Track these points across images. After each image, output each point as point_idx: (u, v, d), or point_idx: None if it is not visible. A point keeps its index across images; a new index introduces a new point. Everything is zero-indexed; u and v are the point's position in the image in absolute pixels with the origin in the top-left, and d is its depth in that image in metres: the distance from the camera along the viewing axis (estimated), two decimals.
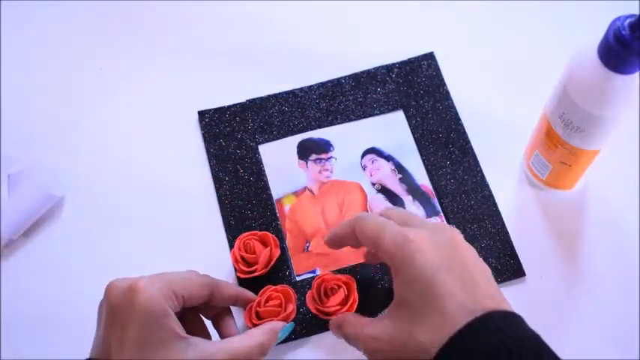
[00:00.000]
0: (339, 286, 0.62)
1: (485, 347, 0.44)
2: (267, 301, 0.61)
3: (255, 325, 0.59)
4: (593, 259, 0.67)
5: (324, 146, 0.73)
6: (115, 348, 0.47)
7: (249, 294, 0.60)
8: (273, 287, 0.62)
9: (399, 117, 0.75)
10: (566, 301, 0.66)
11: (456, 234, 0.52)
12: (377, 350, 0.51)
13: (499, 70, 0.77)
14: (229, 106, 0.75)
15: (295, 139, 0.73)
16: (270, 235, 0.65)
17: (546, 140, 0.63)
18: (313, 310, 0.62)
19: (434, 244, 0.50)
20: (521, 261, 0.67)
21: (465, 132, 0.73)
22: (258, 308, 0.60)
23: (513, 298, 0.66)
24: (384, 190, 0.71)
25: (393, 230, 0.51)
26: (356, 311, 0.64)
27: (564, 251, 0.67)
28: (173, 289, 0.49)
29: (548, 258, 0.67)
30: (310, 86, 0.76)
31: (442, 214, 0.69)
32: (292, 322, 0.60)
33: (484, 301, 0.48)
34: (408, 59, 0.77)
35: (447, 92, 0.75)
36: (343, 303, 0.61)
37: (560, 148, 0.63)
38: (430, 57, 0.77)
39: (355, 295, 0.62)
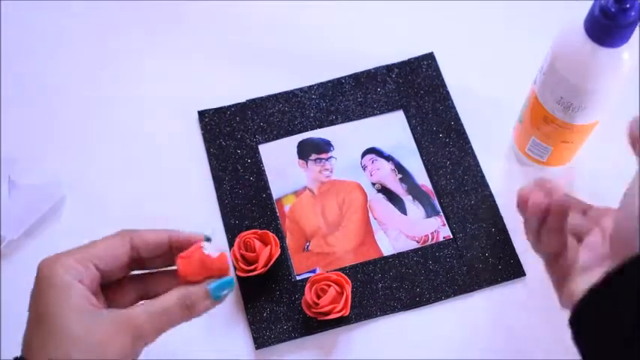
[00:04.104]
0: (329, 285, 0.62)
1: None
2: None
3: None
4: None
5: (324, 146, 0.73)
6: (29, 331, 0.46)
7: (183, 233, 0.49)
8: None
9: (399, 117, 0.75)
10: None
11: None
12: None
13: (499, 70, 0.77)
14: (229, 106, 0.75)
15: (295, 139, 0.73)
16: (270, 233, 0.65)
17: (544, 125, 0.64)
18: (310, 314, 0.62)
19: None
20: (521, 261, 0.67)
21: (464, 132, 0.73)
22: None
23: (513, 297, 0.67)
24: (384, 190, 0.71)
25: None
26: (355, 310, 0.65)
27: None
28: (80, 259, 0.47)
29: None
30: (310, 86, 0.76)
31: (442, 213, 0.69)
32: (230, 278, 0.48)
33: None
34: (408, 59, 0.77)
35: (447, 92, 0.75)
36: (336, 300, 0.62)
37: (558, 128, 0.64)
38: (430, 57, 0.77)
39: (348, 291, 0.62)
